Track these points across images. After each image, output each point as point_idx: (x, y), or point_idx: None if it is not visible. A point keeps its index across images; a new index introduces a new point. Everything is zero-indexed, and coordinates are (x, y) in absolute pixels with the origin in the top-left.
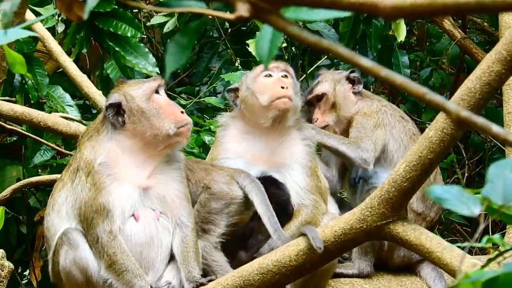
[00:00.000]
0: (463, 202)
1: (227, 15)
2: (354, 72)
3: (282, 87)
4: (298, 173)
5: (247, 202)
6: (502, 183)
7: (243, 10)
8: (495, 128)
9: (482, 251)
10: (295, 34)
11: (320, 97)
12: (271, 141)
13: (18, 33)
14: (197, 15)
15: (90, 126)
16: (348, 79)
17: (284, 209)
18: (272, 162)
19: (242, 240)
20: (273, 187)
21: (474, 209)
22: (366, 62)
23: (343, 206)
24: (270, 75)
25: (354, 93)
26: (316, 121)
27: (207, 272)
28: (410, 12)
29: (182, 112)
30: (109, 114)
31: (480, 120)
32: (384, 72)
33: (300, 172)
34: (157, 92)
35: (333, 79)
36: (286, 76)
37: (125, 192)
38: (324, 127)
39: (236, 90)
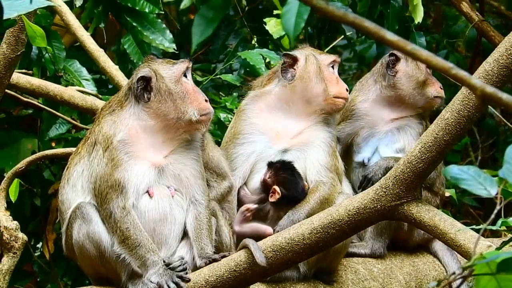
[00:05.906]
0: (480, 183)
1: None
2: None
3: (346, 89)
4: (320, 150)
5: None
6: None
7: None
8: None
9: (494, 234)
10: (321, 8)
11: None
12: (297, 122)
13: (42, 2)
14: None
15: (112, 99)
16: None
17: (294, 198)
18: (295, 141)
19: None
20: (288, 173)
21: (491, 189)
22: (391, 36)
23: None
24: (332, 67)
25: None
26: None
27: (219, 248)
28: None
29: (206, 101)
30: (138, 87)
31: (505, 96)
32: (410, 46)
33: (322, 149)
34: (185, 75)
35: None
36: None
37: (141, 170)
38: None
39: (295, 59)
